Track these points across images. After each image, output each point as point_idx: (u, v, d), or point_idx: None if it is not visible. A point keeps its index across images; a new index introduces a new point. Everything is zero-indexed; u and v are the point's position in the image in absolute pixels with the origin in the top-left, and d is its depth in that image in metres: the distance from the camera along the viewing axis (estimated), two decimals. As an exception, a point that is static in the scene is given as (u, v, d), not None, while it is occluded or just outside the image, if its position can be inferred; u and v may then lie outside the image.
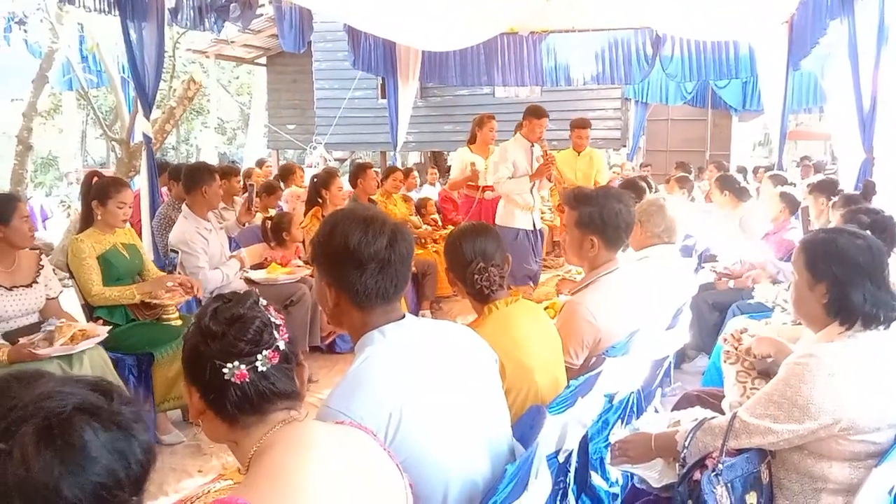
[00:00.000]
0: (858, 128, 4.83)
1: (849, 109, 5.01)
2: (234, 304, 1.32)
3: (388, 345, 1.62)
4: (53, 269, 3.61)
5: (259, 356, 1.28)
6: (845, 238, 1.94)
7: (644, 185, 5.13)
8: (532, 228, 5.68)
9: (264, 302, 1.36)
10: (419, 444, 1.53)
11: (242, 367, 1.26)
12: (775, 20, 6.98)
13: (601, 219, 2.69)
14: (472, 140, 6.78)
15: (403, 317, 1.69)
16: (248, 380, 1.27)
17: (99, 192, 3.74)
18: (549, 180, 5.88)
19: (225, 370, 1.26)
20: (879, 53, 4.55)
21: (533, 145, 5.59)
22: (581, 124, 6.84)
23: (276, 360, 1.30)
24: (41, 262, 3.45)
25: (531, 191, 5.59)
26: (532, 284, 5.54)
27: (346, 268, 1.62)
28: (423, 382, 1.59)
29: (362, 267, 1.60)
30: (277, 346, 1.31)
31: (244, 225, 5.24)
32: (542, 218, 6.56)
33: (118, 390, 0.98)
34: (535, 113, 5.55)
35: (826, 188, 4.71)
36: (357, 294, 1.62)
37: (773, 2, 6.51)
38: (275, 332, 1.32)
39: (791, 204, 5.16)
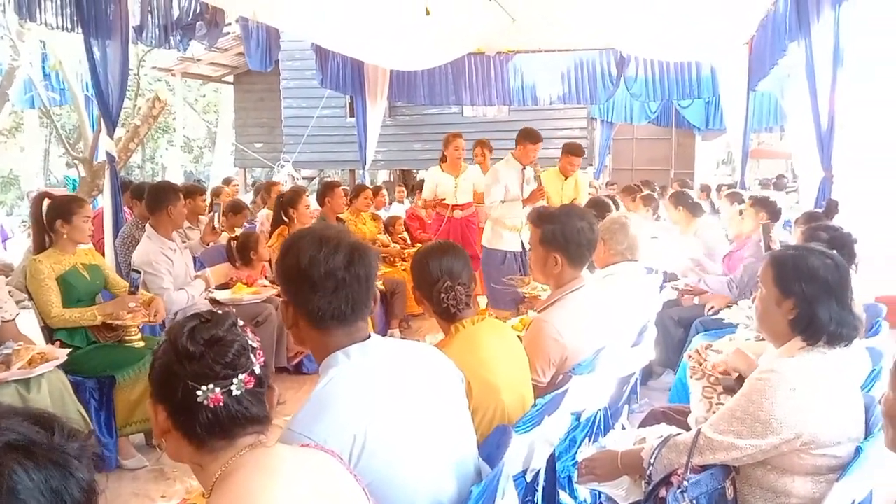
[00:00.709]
0: (817, 147, 4.95)
1: (808, 129, 5.13)
2: (213, 325, 1.28)
3: (351, 366, 1.60)
4: (10, 291, 3.53)
5: (235, 380, 1.24)
6: (815, 256, 1.97)
7: (608, 202, 5.17)
8: (521, 250, 5.62)
9: (241, 323, 1.33)
10: (385, 465, 1.52)
11: (217, 390, 1.23)
12: (736, 41, 7.17)
13: (563, 236, 2.71)
14: (443, 159, 6.82)
15: (368, 337, 1.67)
16: (221, 404, 1.23)
17: (61, 210, 3.64)
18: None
19: (199, 393, 1.22)
20: (836, 75, 4.67)
21: (524, 167, 5.59)
22: (575, 151, 6.38)
23: (251, 385, 1.27)
24: (-6, 285, 3.36)
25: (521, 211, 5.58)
26: (514, 310, 5.47)
27: (301, 288, 1.60)
28: (388, 404, 1.57)
29: (315, 287, 1.58)
30: (253, 370, 1.28)
31: (208, 245, 5.17)
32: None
33: (62, 423, 0.93)
34: (530, 137, 5.53)
35: (767, 205, 4.87)
36: (312, 315, 1.60)
37: (734, 24, 6.67)
38: (252, 356, 1.28)
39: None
